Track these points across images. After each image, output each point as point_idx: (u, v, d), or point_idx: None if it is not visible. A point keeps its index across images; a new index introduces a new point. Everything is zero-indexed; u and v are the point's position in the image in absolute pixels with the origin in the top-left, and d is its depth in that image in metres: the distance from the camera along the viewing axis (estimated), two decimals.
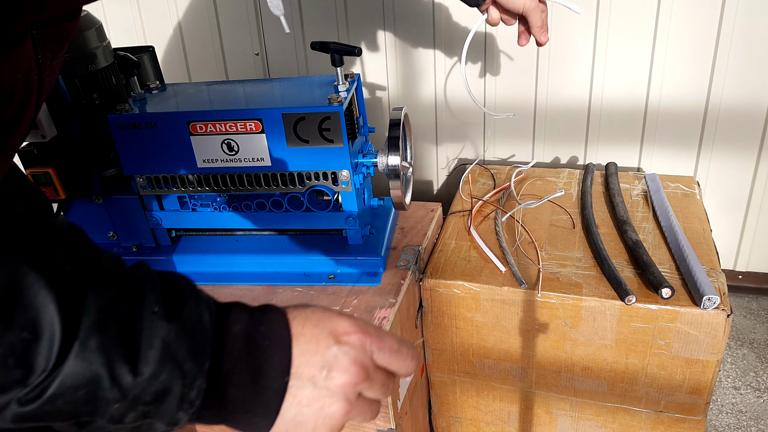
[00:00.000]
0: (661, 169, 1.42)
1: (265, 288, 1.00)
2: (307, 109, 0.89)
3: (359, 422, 0.49)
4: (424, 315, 1.06)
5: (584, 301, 0.94)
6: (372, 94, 1.56)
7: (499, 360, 1.05)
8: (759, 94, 1.29)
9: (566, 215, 1.16)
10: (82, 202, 1.03)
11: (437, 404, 1.17)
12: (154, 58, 1.10)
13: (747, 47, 1.25)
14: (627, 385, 1.00)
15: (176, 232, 1.08)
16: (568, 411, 1.07)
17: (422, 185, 1.64)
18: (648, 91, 1.35)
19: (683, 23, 1.26)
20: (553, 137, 1.47)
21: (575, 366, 1.01)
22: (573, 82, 1.39)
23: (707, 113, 1.34)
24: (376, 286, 0.97)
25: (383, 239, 1.03)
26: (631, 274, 0.98)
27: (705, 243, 1.04)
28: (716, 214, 1.43)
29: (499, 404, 1.11)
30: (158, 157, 0.95)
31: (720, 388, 1.35)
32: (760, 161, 1.36)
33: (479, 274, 1.01)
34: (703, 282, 0.91)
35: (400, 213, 1.16)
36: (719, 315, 0.89)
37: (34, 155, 0.92)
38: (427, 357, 1.11)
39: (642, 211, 1.15)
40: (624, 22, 1.30)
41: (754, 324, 1.51)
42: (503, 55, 1.41)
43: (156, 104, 0.98)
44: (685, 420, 1.00)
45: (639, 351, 0.96)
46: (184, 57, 1.68)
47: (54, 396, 0.34)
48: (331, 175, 0.94)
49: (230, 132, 0.92)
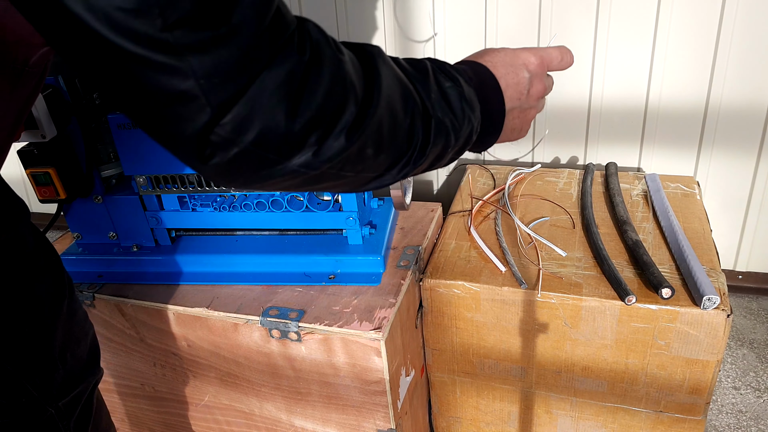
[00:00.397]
0: (661, 169, 1.42)
1: (265, 288, 1.00)
2: None
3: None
4: (424, 315, 1.06)
5: (584, 301, 0.94)
6: None
7: (499, 360, 1.05)
8: (759, 94, 1.29)
9: (566, 215, 1.16)
10: (82, 202, 1.03)
11: (437, 404, 1.17)
12: None
13: (747, 47, 1.25)
14: (627, 385, 1.00)
15: (176, 232, 1.08)
16: (568, 411, 1.07)
17: (422, 185, 1.64)
18: (648, 91, 1.35)
19: (683, 23, 1.27)
20: (552, 137, 1.47)
21: (575, 366, 1.01)
22: (573, 82, 1.39)
23: (707, 113, 1.34)
24: (376, 286, 0.97)
25: (383, 239, 1.03)
26: (631, 274, 0.98)
27: (705, 243, 1.04)
28: (716, 214, 1.43)
29: (499, 404, 1.11)
30: (158, 157, 0.95)
31: (720, 388, 1.35)
32: (760, 161, 1.36)
33: (479, 274, 1.01)
34: (703, 282, 0.91)
35: (400, 213, 1.16)
36: (719, 315, 0.89)
37: (34, 155, 0.92)
38: (427, 357, 1.11)
39: (642, 211, 1.15)
40: (624, 22, 1.30)
41: (754, 324, 1.51)
42: None
43: None
44: (685, 420, 1.00)
45: (639, 351, 0.96)
46: None
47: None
48: None
49: None
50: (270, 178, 0.40)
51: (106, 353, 1.11)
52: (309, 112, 0.37)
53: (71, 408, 0.59)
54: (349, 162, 0.42)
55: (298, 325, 0.91)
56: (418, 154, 0.48)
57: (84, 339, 0.64)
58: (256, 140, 0.36)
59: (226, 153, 0.36)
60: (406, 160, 0.48)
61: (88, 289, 1.03)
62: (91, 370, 0.64)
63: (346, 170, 0.43)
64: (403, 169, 0.48)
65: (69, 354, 0.59)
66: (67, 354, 0.59)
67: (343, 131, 0.40)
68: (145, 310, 1.01)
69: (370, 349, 0.89)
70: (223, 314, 0.95)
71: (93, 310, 1.05)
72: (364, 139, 0.41)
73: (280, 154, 0.38)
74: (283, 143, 0.37)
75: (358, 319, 0.90)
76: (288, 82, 0.36)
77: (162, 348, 1.05)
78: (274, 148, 0.37)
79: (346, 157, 0.41)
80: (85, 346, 0.63)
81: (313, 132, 0.38)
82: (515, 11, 1.35)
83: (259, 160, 0.38)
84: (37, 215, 2.10)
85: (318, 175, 0.41)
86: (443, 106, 0.50)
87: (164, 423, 1.19)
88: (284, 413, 1.04)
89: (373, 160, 0.44)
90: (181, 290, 1.01)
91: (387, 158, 0.45)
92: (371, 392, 0.94)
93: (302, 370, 0.96)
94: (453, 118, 0.51)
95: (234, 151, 0.36)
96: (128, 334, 1.06)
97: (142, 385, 1.13)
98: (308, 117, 0.37)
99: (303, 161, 0.39)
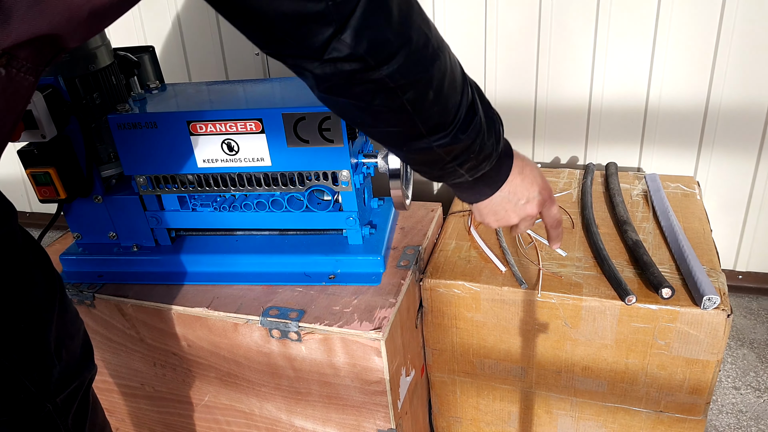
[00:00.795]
0: (661, 169, 1.42)
1: (265, 288, 1.00)
2: (307, 109, 0.89)
3: (515, 231, 0.76)
4: (424, 315, 1.06)
5: (584, 301, 0.94)
6: None
7: (499, 360, 1.05)
8: (759, 94, 1.29)
9: (566, 215, 1.16)
10: (82, 202, 1.03)
11: (437, 404, 1.17)
12: (154, 58, 1.10)
13: (747, 47, 1.25)
14: (627, 385, 1.00)
15: (176, 232, 1.08)
16: (568, 411, 1.07)
17: (422, 185, 1.64)
18: (648, 91, 1.35)
19: (683, 23, 1.27)
20: (553, 137, 1.47)
21: (575, 366, 1.01)
22: (573, 82, 1.39)
23: (707, 113, 1.34)
24: (376, 286, 0.97)
25: (383, 239, 1.03)
26: (631, 274, 0.98)
27: (705, 243, 1.04)
28: (716, 214, 1.43)
29: (499, 404, 1.11)
30: (158, 157, 0.95)
31: (720, 388, 1.35)
32: (760, 161, 1.36)
33: (479, 274, 1.01)
34: (703, 282, 0.91)
35: (400, 213, 1.16)
36: (719, 315, 0.89)
37: (34, 155, 0.92)
38: (427, 357, 1.11)
39: (642, 211, 1.15)
40: (624, 22, 1.30)
41: (754, 324, 1.51)
42: (503, 55, 1.41)
43: (156, 104, 0.98)
44: (685, 420, 1.00)
45: (639, 351, 0.96)
46: (184, 57, 1.68)
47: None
48: (331, 175, 0.94)
49: (230, 132, 0.92)
50: (360, 84, 0.52)
51: (106, 353, 1.11)
52: (406, 30, 0.51)
53: (68, 404, 0.59)
54: (416, 91, 0.54)
55: (298, 325, 0.91)
56: (457, 130, 0.59)
57: (77, 335, 0.64)
58: (367, 48, 0.49)
59: (341, 55, 0.49)
60: (446, 131, 0.59)
61: (88, 289, 1.03)
62: (86, 366, 0.64)
63: (411, 103, 0.54)
64: (442, 138, 0.59)
65: (64, 350, 0.60)
66: (62, 350, 0.59)
67: (424, 58, 0.53)
68: (145, 310, 1.01)
69: (370, 349, 0.89)
70: (223, 314, 0.95)
71: (93, 310, 1.05)
72: (432, 73, 0.54)
73: (378, 61, 0.50)
74: (381, 51, 0.50)
75: (358, 319, 0.90)
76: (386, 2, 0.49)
77: (162, 348, 1.05)
78: (373, 56, 0.49)
79: (416, 84, 0.53)
80: (78, 341, 0.64)
81: (402, 48, 0.51)
82: (515, 11, 1.35)
83: (360, 64, 0.50)
84: (38, 215, 2.11)
85: (391, 90, 0.53)
86: (483, 120, 0.62)
87: (164, 423, 1.19)
88: (284, 413, 1.04)
89: (429, 107, 0.56)
90: (181, 290, 1.01)
91: (437, 114, 0.57)
92: (371, 392, 0.94)
93: (302, 370, 0.96)
94: (485, 132, 0.62)
95: (346, 53, 0.48)
96: (128, 334, 1.06)
97: (142, 385, 1.14)
98: (406, 35, 0.51)
99: (389, 72, 0.51)
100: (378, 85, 0.52)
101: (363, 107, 0.55)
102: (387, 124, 0.57)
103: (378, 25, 0.48)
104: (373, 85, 0.52)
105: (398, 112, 0.55)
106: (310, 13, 0.46)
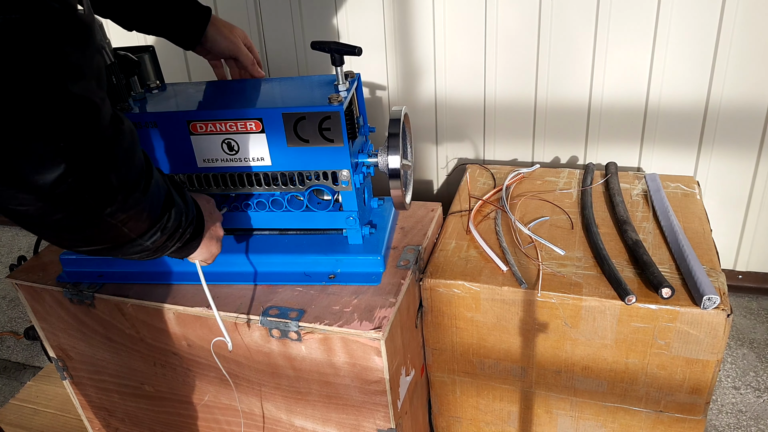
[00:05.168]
0: (661, 169, 1.42)
1: (265, 287, 1.00)
2: (307, 109, 0.89)
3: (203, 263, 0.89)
4: (424, 315, 1.06)
5: (584, 301, 0.94)
6: (372, 93, 1.56)
7: (499, 360, 1.05)
8: (759, 93, 1.29)
9: (566, 215, 1.16)
10: None
11: (437, 404, 1.17)
12: (154, 58, 1.10)
13: (747, 47, 1.25)
14: (627, 385, 1.00)
15: None
16: (568, 411, 1.07)
17: (422, 185, 1.64)
18: (648, 91, 1.35)
19: (683, 23, 1.27)
20: (553, 137, 1.47)
21: (575, 366, 1.01)
22: (573, 81, 1.39)
23: (707, 113, 1.34)
24: (376, 286, 0.97)
25: (383, 239, 1.03)
26: (631, 274, 0.98)
27: (705, 243, 1.04)
28: (716, 214, 1.43)
29: (499, 404, 1.11)
30: (158, 157, 0.95)
31: (720, 388, 1.35)
32: (760, 161, 1.36)
33: (479, 274, 1.01)
34: (703, 282, 0.91)
35: (400, 213, 1.16)
36: (719, 315, 0.89)
37: None
38: (427, 357, 1.11)
39: (642, 211, 1.15)
40: (624, 21, 1.30)
41: (754, 324, 1.51)
42: (503, 55, 1.41)
43: (156, 104, 0.98)
44: (685, 420, 1.00)
45: (639, 351, 0.96)
46: (184, 57, 1.68)
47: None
48: (331, 175, 0.94)
49: (230, 132, 0.92)
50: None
51: (106, 353, 1.11)
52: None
53: None
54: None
55: (298, 325, 0.91)
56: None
57: None
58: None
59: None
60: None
61: (88, 289, 1.03)
62: None
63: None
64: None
65: None
66: None
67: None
68: (145, 309, 1.01)
69: (370, 349, 0.89)
70: (223, 314, 0.95)
71: (93, 310, 1.05)
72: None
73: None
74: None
75: (358, 318, 0.90)
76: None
77: (162, 348, 1.05)
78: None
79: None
80: None
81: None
82: (515, 11, 1.35)
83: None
84: None
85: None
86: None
87: (164, 423, 1.19)
88: (284, 413, 1.04)
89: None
90: (181, 290, 1.01)
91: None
92: (371, 392, 0.94)
93: (302, 370, 0.96)
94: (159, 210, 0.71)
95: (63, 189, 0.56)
96: (128, 333, 1.06)
97: (142, 385, 1.14)
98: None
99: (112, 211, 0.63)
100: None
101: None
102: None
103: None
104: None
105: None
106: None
